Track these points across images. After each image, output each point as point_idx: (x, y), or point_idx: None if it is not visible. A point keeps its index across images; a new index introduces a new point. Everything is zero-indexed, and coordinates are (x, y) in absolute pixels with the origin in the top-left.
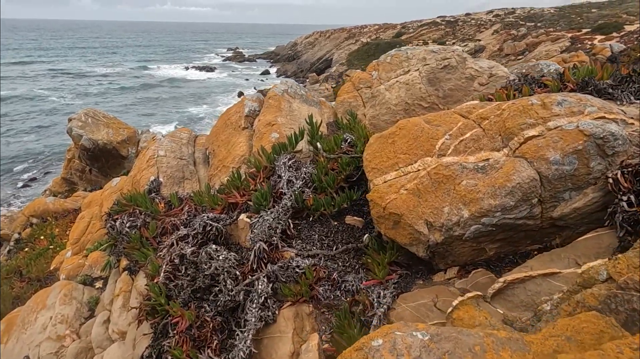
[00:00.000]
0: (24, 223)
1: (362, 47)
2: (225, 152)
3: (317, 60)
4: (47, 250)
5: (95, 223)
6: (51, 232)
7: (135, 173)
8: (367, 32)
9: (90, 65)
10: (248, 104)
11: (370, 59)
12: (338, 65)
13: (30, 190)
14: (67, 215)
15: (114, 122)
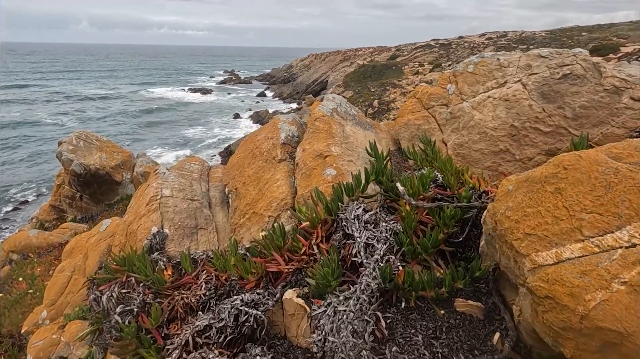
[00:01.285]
0: (3, 259)
1: (359, 69)
2: (255, 192)
3: (312, 82)
4: (25, 295)
5: (77, 278)
6: (32, 273)
7: (132, 219)
8: (361, 55)
9: (87, 88)
10: (284, 128)
11: (366, 80)
12: (334, 86)
13: (21, 214)
14: (52, 251)
15: (107, 145)
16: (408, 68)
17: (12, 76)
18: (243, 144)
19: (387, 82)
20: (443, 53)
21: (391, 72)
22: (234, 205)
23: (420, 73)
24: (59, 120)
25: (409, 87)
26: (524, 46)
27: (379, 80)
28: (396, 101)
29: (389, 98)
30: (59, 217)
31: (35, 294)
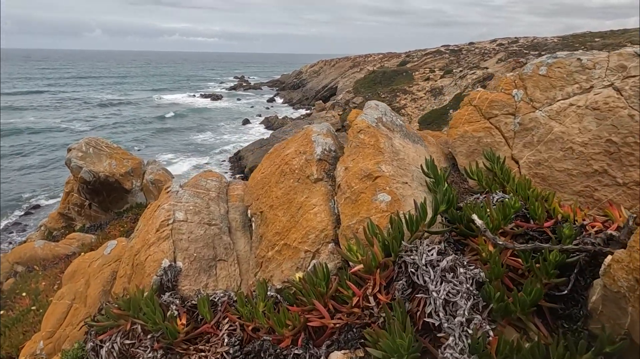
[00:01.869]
0: (7, 271)
1: (369, 74)
2: (286, 219)
3: (322, 88)
4: (28, 312)
5: (78, 307)
6: (36, 287)
7: (139, 247)
8: (371, 61)
9: (100, 94)
10: (319, 141)
11: (376, 86)
12: (344, 92)
13: (32, 219)
14: (57, 263)
15: (117, 152)
16: (418, 75)
17: (27, 82)
18: (268, 158)
19: (397, 88)
20: (454, 59)
21: (401, 78)
22: (258, 231)
23: (431, 80)
24: (72, 126)
25: (420, 93)
26: (535, 52)
27: (389, 86)
28: (407, 107)
29: (399, 104)
30: (68, 225)
31: (38, 311)
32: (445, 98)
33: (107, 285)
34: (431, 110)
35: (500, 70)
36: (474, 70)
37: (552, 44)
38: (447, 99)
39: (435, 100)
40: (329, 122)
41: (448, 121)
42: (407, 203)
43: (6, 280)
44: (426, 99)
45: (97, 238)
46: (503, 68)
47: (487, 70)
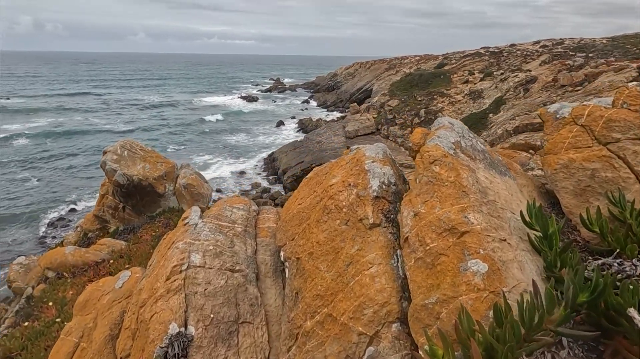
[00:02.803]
0: (39, 275)
1: (405, 77)
2: (331, 276)
3: (357, 90)
4: (52, 324)
5: (85, 348)
6: (63, 296)
7: (146, 297)
8: (407, 63)
9: (142, 96)
10: (375, 170)
11: (413, 89)
12: (380, 95)
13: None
14: (87, 270)
15: (151, 155)
16: (457, 77)
17: (75, 85)
18: (306, 185)
19: (434, 91)
20: (494, 61)
21: (439, 81)
22: (293, 284)
23: (470, 82)
24: (115, 127)
25: (458, 96)
26: (582, 54)
27: (426, 89)
28: (444, 110)
29: (436, 108)
30: (103, 227)
31: (62, 324)
32: (485, 102)
33: (114, 329)
34: (470, 113)
35: (545, 72)
36: (516, 73)
37: (601, 45)
38: (487, 103)
39: (474, 103)
40: (363, 125)
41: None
42: (509, 274)
43: (37, 285)
44: (464, 102)
45: (127, 245)
46: (547, 70)
47: (529, 73)
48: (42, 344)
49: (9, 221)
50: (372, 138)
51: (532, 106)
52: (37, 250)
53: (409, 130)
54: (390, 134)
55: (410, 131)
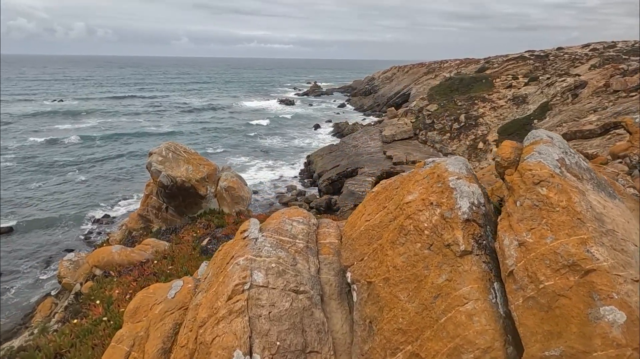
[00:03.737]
0: (87, 272)
1: (445, 81)
2: (415, 309)
3: (394, 94)
4: (99, 323)
5: (137, 357)
6: (109, 295)
7: (205, 316)
8: (447, 67)
9: (184, 99)
10: (462, 189)
11: (453, 94)
12: (418, 99)
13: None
14: (132, 270)
15: (194, 157)
16: (499, 81)
17: (122, 88)
18: (374, 199)
19: (475, 96)
20: (539, 65)
21: (480, 85)
22: (364, 311)
23: (514, 87)
24: (158, 130)
25: (501, 102)
26: (636, 57)
27: (466, 94)
28: (485, 115)
29: (477, 113)
30: (146, 226)
31: (109, 323)
32: (529, 107)
33: (167, 342)
34: (513, 119)
35: (595, 77)
36: (564, 77)
37: None
38: (532, 108)
39: (517, 109)
40: (401, 129)
41: None
42: None
43: (85, 282)
44: (507, 108)
45: (170, 246)
46: (599, 75)
47: (578, 78)
48: (90, 342)
49: (58, 217)
50: (409, 143)
51: (582, 112)
52: (83, 245)
53: (447, 135)
54: (428, 139)
55: (449, 136)
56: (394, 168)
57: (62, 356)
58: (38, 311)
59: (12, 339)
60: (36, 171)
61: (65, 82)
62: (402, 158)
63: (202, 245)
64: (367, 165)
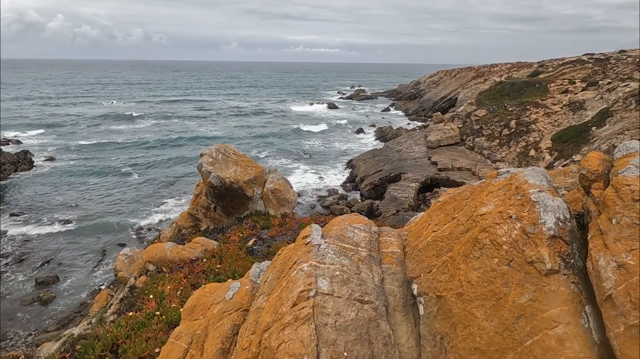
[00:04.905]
0: (141, 267)
1: (495, 86)
2: (494, 328)
3: (440, 99)
4: (152, 316)
5: (194, 355)
6: (162, 290)
7: (269, 321)
8: (497, 71)
9: (233, 103)
10: (546, 202)
11: (503, 99)
12: (466, 104)
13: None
14: (183, 267)
15: (242, 159)
16: (554, 86)
17: (174, 91)
18: (440, 209)
19: (527, 101)
20: (598, 69)
21: (533, 90)
22: (434, 325)
23: (570, 92)
24: (207, 132)
25: (555, 107)
26: None
27: (518, 99)
28: (538, 122)
29: (529, 119)
30: (195, 225)
31: (161, 317)
32: (587, 114)
33: (225, 342)
34: (568, 126)
35: None
36: (627, 82)
37: None
38: (590, 114)
39: (573, 115)
40: (447, 135)
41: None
42: None
43: (139, 276)
44: (562, 114)
45: (218, 245)
46: None
47: None
48: (144, 335)
49: (112, 213)
50: (455, 149)
51: None
52: (135, 241)
53: (496, 142)
54: (475, 145)
55: (498, 142)
56: (439, 174)
57: (118, 346)
58: (95, 301)
59: (72, 327)
60: (93, 170)
61: (122, 86)
62: (447, 165)
63: (248, 246)
64: (411, 170)
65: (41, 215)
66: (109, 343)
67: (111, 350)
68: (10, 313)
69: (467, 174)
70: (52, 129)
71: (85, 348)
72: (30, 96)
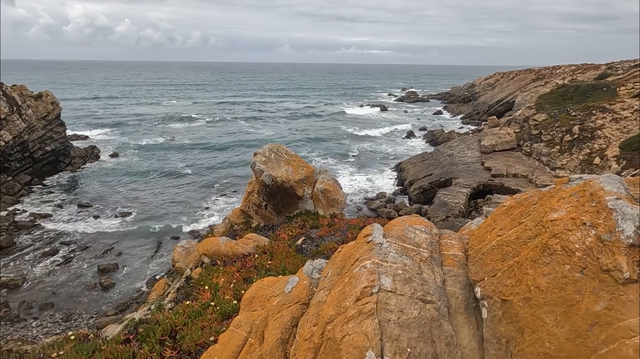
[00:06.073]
0: (197, 259)
1: (557, 89)
2: (564, 335)
3: (496, 102)
4: (207, 306)
5: (253, 344)
6: (216, 282)
7: (333, 314)
8: (560, 74)
9: (286, 104)
10: (624, 210)
11: (565, 102)
12: (524, 108)
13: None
14: (235, 261)
15: (294, 159)
16: (625, 90)
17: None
18: (506, 213)
19: (593, 106)
20: None
21: (600, 94)
22: (499, 329)
23: None
24: (258, 132)
25: (625, 112)
26: None
27: (582, 103)
28: (604, 128)
29: (594, 125)
30: (246, 222)
31: (215, 308)
32: None
33: (285, 333)
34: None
35: None
36: None
37: None
38: None
39: None
40: (502, 140)
41: None
42: None
43: (195, 268)
44: (633, 119)
45: (270, 242)
46: None
47: None
48: (199, 323)
49: (167, 207)
50: (511, 155)
51: None
52: (188, 235)
53: (557, 148)
54: (533, 151)
55: (559, 149)
56: (493, 180)
57: (176, 332)
58: (153, 289)
59: (128, 312)
60: (151, 167)
61: (180, 86)
62: (502, 171)
63: (297, 244)
64: (463, 175)
65: (105, 206)
66: (168, 329)
67: (170, 335)
68: (75, 296)
69: (523, 181)
70: (116, 127)
71: (147, 331)
72: (98, 96)
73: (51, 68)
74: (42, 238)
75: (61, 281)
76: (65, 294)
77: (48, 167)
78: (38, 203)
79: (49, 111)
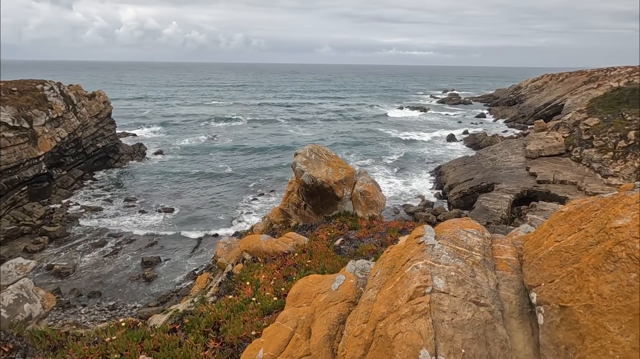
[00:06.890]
0: (238, 255)
1: (611, 92)
2: (630, 344)
3: (543, 105)
4: (248, 302)
5: (299, 338)
6: (257, 279)
7: (384, 311)
8: (615, 76)
9: (326, 105)
10: None
11: (621, 106)
12: (574, 112)
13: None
14: (275, 259)
15: (334, 160)
16: None
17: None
18: (563, 219)
19: None
20: None
21: None
22: (557, 336)
23: None
24: (297, 133)
25: None
26: None
27: (639, 107)
28: None
29: None
30: (285, 221)
31: (256, 303)
32: None
33: (332, 329)
34: None
35: None
36: None
37: None
38: None
39: None
40: (550, 144)
41: None
42: None
43: (236, 264)
44: None
45: (309, 241)
46: None
47: None
48: (241, 317)
49: (208, 205)
50: (558, 160)
51: None
52: (227, 232)
53: (610, 154)
54: (583, 157)
55: (612, 155)
56: (538, 186)
57: (219, 325)
58: (196, 283)
59: (169, 304)
60: (194, 165)
61: (223, 87)
62: (548, 177)
63: (335, 245)
64: (506, 180)
65: (149, 202)
66: (211, 321)
67: (213, 327)
68: (120, 286)
69: (571, 188)
70: (161, 126)
71: (192, 322)
72: (146, 96)
73: (103, 69)
74: (92, 230)
75: (108, 272)
76: (111, 284)
77: (99, 162)
78: (89, 197)
79: (101, 110)
